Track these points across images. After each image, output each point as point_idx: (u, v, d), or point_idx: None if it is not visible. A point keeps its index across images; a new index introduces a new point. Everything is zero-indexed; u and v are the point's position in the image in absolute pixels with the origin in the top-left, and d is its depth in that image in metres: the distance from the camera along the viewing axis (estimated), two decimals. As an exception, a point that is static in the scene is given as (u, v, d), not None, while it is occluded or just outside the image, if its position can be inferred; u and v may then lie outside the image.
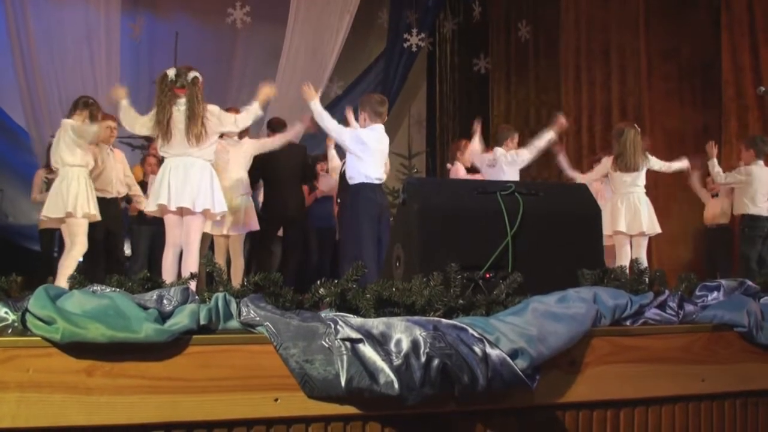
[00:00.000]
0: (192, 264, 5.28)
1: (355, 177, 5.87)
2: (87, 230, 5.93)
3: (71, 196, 5.81)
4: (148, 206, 5.55)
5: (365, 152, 5.85)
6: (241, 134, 6.77)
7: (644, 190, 6.98)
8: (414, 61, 12.36)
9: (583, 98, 10.92)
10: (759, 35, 9.06)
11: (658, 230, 6.97)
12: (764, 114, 8.98)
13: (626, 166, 6.87)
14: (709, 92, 9.77)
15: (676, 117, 10.03)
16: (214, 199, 5.39)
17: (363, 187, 5.83)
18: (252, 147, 6.79)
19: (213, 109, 5.45)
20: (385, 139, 6.09)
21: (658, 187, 8.72)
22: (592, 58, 10.90)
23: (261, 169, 7.21)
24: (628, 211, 6.81)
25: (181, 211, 5.38)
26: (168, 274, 5.32)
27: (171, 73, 5.38)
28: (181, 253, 5.43)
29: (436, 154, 12.83)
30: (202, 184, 5.34)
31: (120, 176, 7.00)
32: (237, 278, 6.25)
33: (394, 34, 12.14)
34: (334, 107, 11.84)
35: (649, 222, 6.85)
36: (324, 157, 8.43)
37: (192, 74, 5.38)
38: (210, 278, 2.54)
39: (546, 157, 8.69)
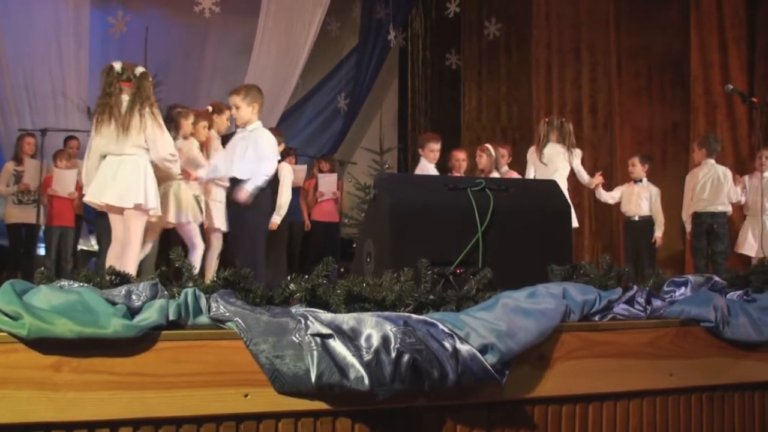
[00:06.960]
0: (130, 260, 5.23)
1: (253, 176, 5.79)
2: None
3: None
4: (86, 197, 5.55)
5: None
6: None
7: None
8: (386, 57, 12.36)
9: (554, 95, 11.00)
10: (727, 33, 9.18)
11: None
12: (732, 111, 9.10)
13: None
14: (678, 90, 9.88)
15: (646, 114, 10.13)
16: (147, 194, 5.31)
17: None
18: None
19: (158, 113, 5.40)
20: None
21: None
22: (562, 55, 10.97)
23: None
24: None
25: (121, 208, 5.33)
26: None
27: (117, 66, 5.34)
28: None
29: (408, 150, 12.86)
30: (133, 178, 5.28)
31: None
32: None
33: (366, 29, 12.12)
34: (305, 102, 11.81)
35: None
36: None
37: (140, 69, 5.36)
38: (178, 274, 2.52)
39: (518, 153, 8.72)
